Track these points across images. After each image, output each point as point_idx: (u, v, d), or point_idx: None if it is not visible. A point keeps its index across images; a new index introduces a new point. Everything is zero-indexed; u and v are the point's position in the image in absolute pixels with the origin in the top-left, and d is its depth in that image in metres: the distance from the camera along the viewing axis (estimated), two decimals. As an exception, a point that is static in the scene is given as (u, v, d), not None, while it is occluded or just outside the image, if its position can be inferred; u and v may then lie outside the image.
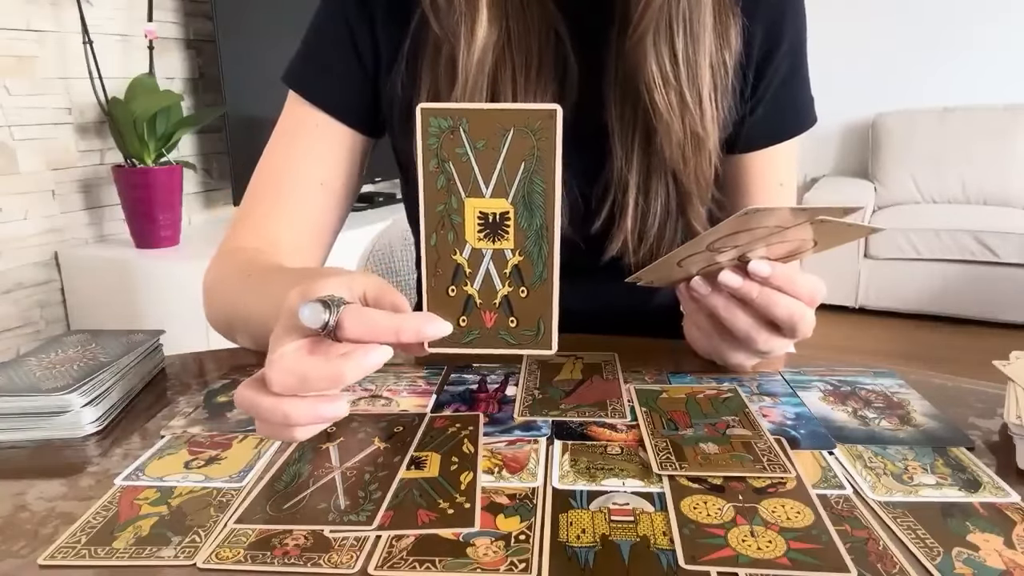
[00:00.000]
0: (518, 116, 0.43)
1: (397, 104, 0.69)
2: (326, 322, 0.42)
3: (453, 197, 0.44)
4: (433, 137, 0.44)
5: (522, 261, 0.45)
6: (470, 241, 0.45)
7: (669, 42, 0.61)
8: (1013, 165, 3.39)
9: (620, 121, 0.66)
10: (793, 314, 0.51)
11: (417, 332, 0.44)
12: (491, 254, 0.45)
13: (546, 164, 0.44)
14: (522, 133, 0.43)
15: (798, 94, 0.73)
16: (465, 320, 0.46)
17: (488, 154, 0.44)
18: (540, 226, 0.45)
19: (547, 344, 0.46)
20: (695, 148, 0.64)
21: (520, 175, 0.44)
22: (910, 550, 0.37)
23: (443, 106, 0.44)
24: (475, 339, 0.46)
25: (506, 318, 0.46)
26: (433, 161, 0.44)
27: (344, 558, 0.37)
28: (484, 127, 0.43)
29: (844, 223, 0.48)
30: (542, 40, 0.64)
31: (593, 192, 0.68)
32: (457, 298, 0.46)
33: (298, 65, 0.73)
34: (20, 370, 0.55)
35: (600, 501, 0.41)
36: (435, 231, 0.45)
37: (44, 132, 1.89)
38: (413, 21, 0.66)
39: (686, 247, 0.51)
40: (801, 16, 0.71)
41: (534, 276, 0.45)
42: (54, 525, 0.40)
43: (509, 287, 0.45)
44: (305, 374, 0.41)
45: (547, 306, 0.46)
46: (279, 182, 0.71)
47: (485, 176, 0.44)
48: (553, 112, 0.43)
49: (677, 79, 0.62)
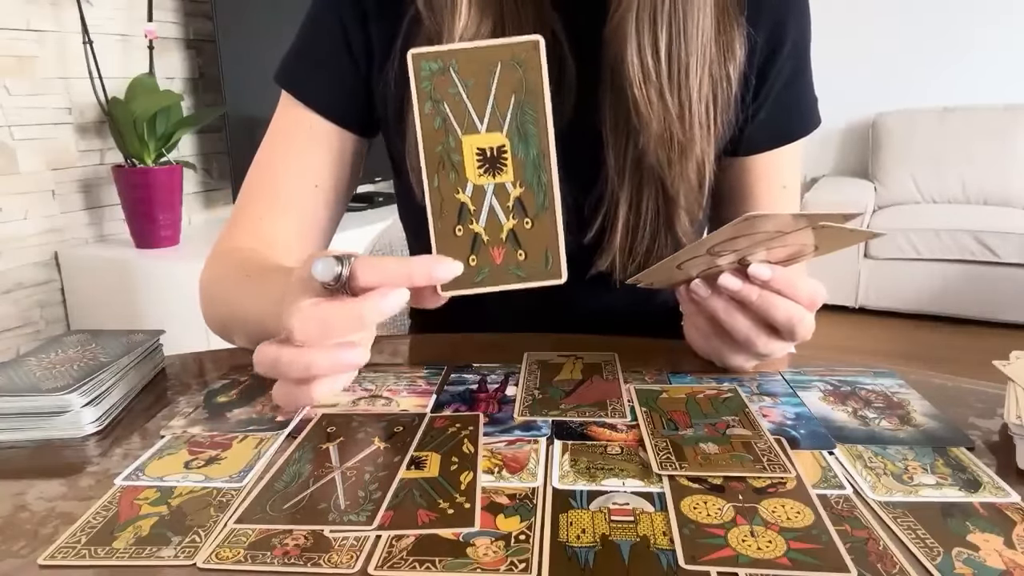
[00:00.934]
0: (504, 50, 0.45)
1: (390, 102, 0.69)
2: (339, 273, 0.42)
3: (450, 136, 0.45)
4: (425, 80, 0.45)
5: (523, 192, 0.46)
6: (471, 179, 0.46)
7: (652, 35, 0.60)
8: (1013, 165, 3.39)
9: (614, 131, 0.65)
10: (792, 318, 0.51)
11: (429, 273, 0.44)
12: (493, 189, 0.46)
13: (535, 94, 0.45)
14: (509, 66, 0.45)
15: (801, 96, 0.72)
16: (475, 259, 0.46)
17: (479, 91, 0.45)
18: (536, 155, 0.46)
19: (557, 274, 0.47)
20: (679, 153, 0.62)
21: (512, 108, 0.45)
22: (910, 550, 0.37)
23: (432, 49, 0.45)
24: (486, 277, 0.47)
25: (514, 252, 0.46)
26: (428, 103, 0.45)
27: (344, 558, 0.37)
28: (473, 65, 0.45)
29: (845, 228, 0.48)
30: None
31: (587, 201, 0.67)
32: (464, 237, 0.46)
33: (291, 64, 0.72)
34: (20, 370, 0.55)
35: (600, 501, 0.41)
36: (436, 173, 0.46)
37: (44, 132, 1.89)
38: (406, 18, 0.65)
39: (687, 250, 0.51)
40: (805, 16, 0.70)
41: (536, 206, 0.46)
42: (54, 525, 0.40)
43: (514, 220, 0.46)
44: (325, 318, 0.42)
45: (552, 235, 0.46)
46: (274, 183, 0.71)
47: (479, 112, 0.45)
48: (536, 43, 0.45)
49: (658, 76, 0.60)
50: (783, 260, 0.52)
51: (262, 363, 0.44)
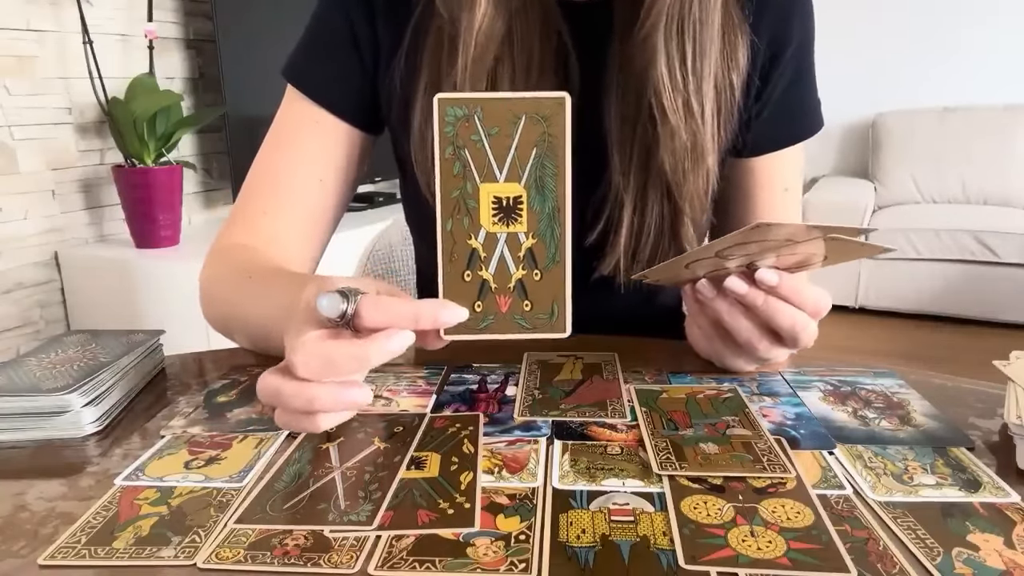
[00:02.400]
0: (529, 104, 0.45)
1: (396, 99, 0.69)
2: (344, 311, 0.42)
3: (468, 183, 0.46)
4: (449, 125, 0.45)
5: (535, 244, 0.46)
6: (484, 225, 0.46)
7: (680, 45, 0.60)
8: (1013, 165, 3.39)
9: (620, 135, 0.64)
10: (796, 325, 0.51)
11: (434, 318, 0.44)
12: (505, 238, 0.46)
13: (556, 149, 0.45)
14: (533, 120, 0.45)
15: (804, 98, 0.72)
16: (480, 305, 0.47)
17: (501, 140, 0.46)
18: (552, 209, 0.46)
19: (561, 327, 0.47)
20: (694, 162, 0.62)
21: (532, 160, 0.46)
22: (910, 550, 0.37)
23: (459, 96, 0.46)
24: (490, 324, 0.47)
25: (520, 302, 0.47)
26: (449, 148, 0.46)
27: (344, 558, 0.37)
28: (497, 115, 0.45)
29: (855, 241, 0.48)
30: (544, 41, 0.63)
31: (590, 202, 0.67)
32: (472, 283, 0.46)
33: (298, 59, 0.72)
34: (20, 370, 0.55)
35: (600, 501, 0.41)
36: (451, 216, 0.46)
37: (44, 132, 1.89)
38: (415, 14, 0.65)
39: (695, 251, 0.51)
40: (809, 19, 0.69)
41: (547, 259, 0.46)
42: (54, 525, 0.40)
43: (523, 270, 0.46)
44: (330, 356, 0.42)
45: (560, 288, 0.47)
46: (277, 179, 0.71)
47: (499, 161, 0.46)
48: (562, 100, 0.45)
49: (685, 85, 0.60)
50: (791, 267, 0.52)
51: (264, 393, 0.44)
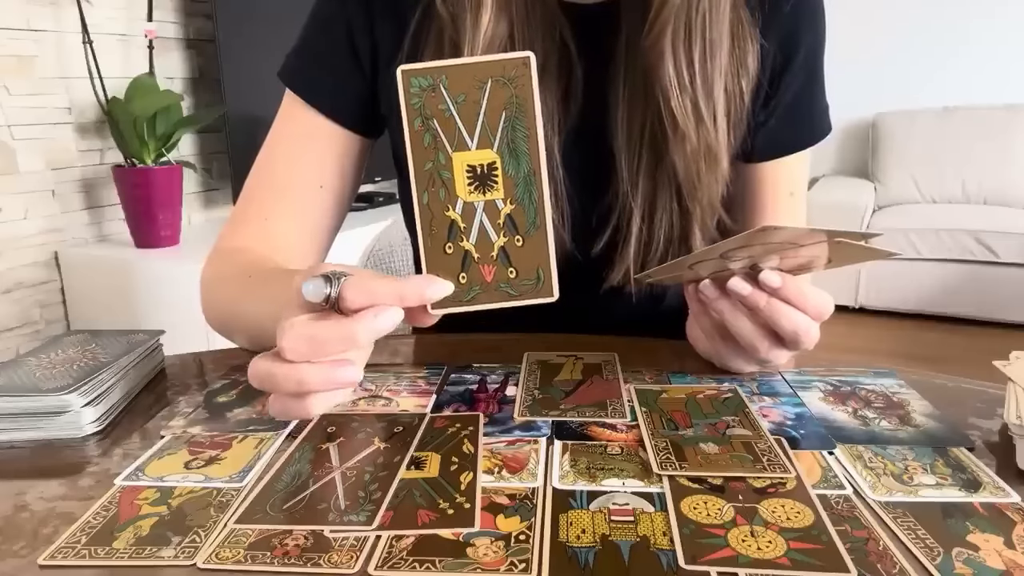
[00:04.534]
0: (494, 67, 0.45)
1: (396, 101, 0.68)
2: (328, 294, 0.42)
3: (440, 153, 0.45)
4: (415, 97, 0.45)
5: (514, 209, 0.46)
6: (461, 196, 0.46)
7: (687, 46, 0.60)
8: (1013, 165, 3.39)
9: (627, 142, 0.64)
10: (798, 327, 0.51)
11: (419, 294, 0.44)
12: (483, 206, 0.46)
13: (526, 111, 0.45)
14: (499, 83, 0.45)
15: (813, 104, 0.72)
16: (465, 277, 0.46)
17: (469, 107, 0.45)
18: (528, 172, 0.45)
19: (548, 292, 0.46)
20: (708, 165, 0.62)
21: (502, 124, 0.45)
22: (910, 550, 0.37)
23: (422, 65, 0.45)
24: (477, 295, 0.46)
25: (505, 269, 0.46)
26: (417, 120, 0.45)
27: (344, 558, 0.37)
28: (463, 81, 0.45)
29: (860, 245, 0.48)
30: (547, 45, 0.62)
31: (596, 208, 0.66)
32: (455, 255, 0.46)
33: (296, 63, 0.72)
34: (20, 370, 0.55)
35: (600, 501, 0.41)
36: (426, 190, 0.46)
37: (44, 132, 1.89)
38: (414, 17, 0.65)
39: (700, 252, 0.51)
40: (819, 24, 0.69)
41: (527, 223, 0.46)
42: (54, 525, 0.40)
43: (504, 237, 0.46)
44: (316, 336, 0.42)
45: (544, 253, 0.46)
46: (277, 183, 0.71)
47: (469, 129, 0.45)
48: (527, 59, 0.44)
49: (693, 87, 0.60)
50: (793, 269, 0.52)
51: (256, 376, 0.44)
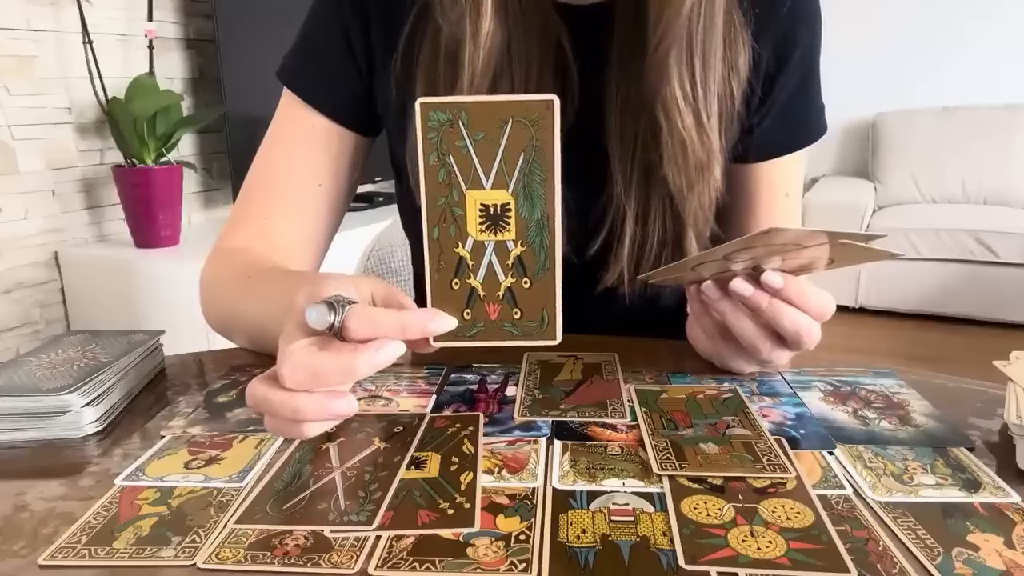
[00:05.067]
0: (516, 107, 0.44)
1: (392, 103, 0.68)
2: (331, 323, 0.42)
3: (454, 190, 0.45)
4: (433, 131, 0.44)
5: (524, 252, 0.45)
6: (472, 233, 0.45)
7: (689, 63, 0.60)
8: (1013, 165, 3.39)
9: (620, 149, 0.64)
10: (800, 328, 0.51)
11: (422, 328, 0.44)
12: (493, 246, 0.45)
13: (545, 154, 0.44)
14: (520, 124, 0.44)
15: (808, 105, 0.71)
16: (469, 313, 0.46)
17: (487, 146, 0.44)
18: (541, 216, 0.45)
19: (551, 334, 0.46)
20: (698, 175, 0.62)
21: (520, 166, 0.44)
22: (910, 550, 0.37)
23: (442, 100, 0.44)
24: (480, 331, 0.46)
25: (510, 309, 0.46)
26: (433, 155, 0.44)
27: (344, 558, 0.37)
28: (483, 119, 0.44)
29: (862, 246, 0.48)
30: (543, 51, 0.62)
31: (591, 212, 0.66)
32: (460, 291, 0.46)
33: (293, 62, 0.72)
34: (20, 370, 0.55)
35: (600, 501, 0.41)
36: (437, 224, 0.45)
37: (44, 132, 1.89)
38: (409, 18, 0.65)
39: (702, 254, 0.51)
40: (815, 24, 0.69)
41: (537, 266, 0.45)
42: (54, 525, 0.40)
43: (512, 278, 0.46)
44: (316, 368, 0.42)
45: (550, 296, 0.46)
46: (276, 183, 0.71)
47: (485, 168, 0.44)
48: (551, 102, 0.43)
49: (695, 100, 0.60)
50: (795, 270, 0.52)
51: (252, 400, 0.44)
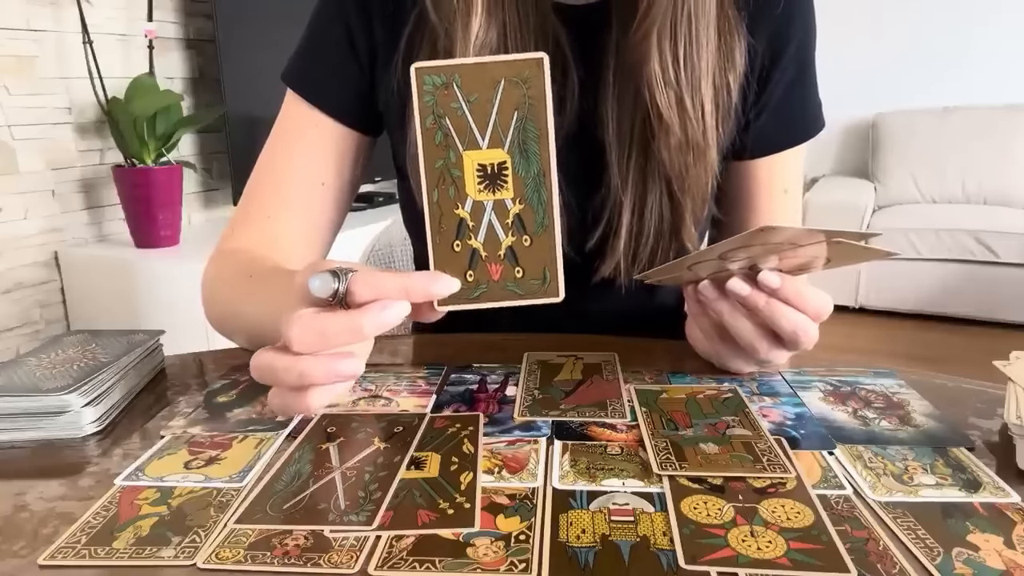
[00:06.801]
0: (508, 67, 0.45)
1: (393, 103, 0.69)
2: (336, 289, 0.42)
3: (451, 151, 0.45)
4: (428, 94, 0.45)
5: (523, 209, 0.46)
6: (471, 194, 0.46)
7: (672, 43, 0.60)
8: (1013, 165, 3.39)
9: (617, 137, 0.65)
10: (797, 328, 0.51)
11: (425, 290, 0.44)
12: (492, 205, 0.46)
13: (538, 111, 0.45)
14: (512, 83, 0.45)
15: (805, 100, 0.72)
16: (472, 274, 0.46)
17: (482, 106, 0.45)
18: (537, 172, 0.46)
19: (554, 292, 0.47)
20: (695, 157, 0.63)
21: (514, 124, 0.45)
22: (910, 550, 0.37)
23: (436, 64, 0.45)
24: (483, 293, 0.47)
25: (512, 268, 0.46)
26: (430, 118, 0.45)
27: (344, 558, 0.37)
28: (476, 81, 0.45)
29: (859, 245, 0.48)
30: (541, 48, 0.62)
31: (590, 205, 0.67)
32: (462, 252, 0.46)
33: (297, 64, 0.72)
34: (20, 370, 0.55)
35: (600, 501, 0.41)
36: (436, 187, 0.46)
37: (44, 132, 1.89)
38: (411, 17, 0.65)
39: (699, 253, 0.51)
40: (809, 19, 0.69)
41: (535, 223, 0.46)
42: (54, 525, 0.40)
43: (512, 237, 0.46)
44: (324, 328, 0.42)
45: (551, 253, 0.46)
46: (279, 182, 0.71)
47: (480, 128, 0.45)
48: (540, 60, 0.44)
49: (678, 82, 0.61)
50: (792, 270, 0.52)
51: (257, 369, 0.44)
